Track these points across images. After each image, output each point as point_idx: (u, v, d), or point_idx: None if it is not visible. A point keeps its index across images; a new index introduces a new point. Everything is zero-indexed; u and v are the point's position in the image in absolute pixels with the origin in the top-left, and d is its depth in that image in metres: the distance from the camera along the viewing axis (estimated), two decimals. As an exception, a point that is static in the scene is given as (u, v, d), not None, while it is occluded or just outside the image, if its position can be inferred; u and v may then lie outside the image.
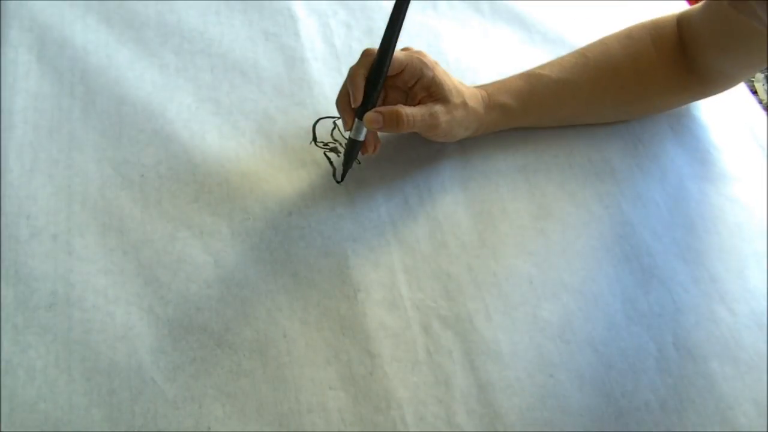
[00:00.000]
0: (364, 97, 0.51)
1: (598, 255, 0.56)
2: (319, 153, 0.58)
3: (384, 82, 0.51)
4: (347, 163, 0.55)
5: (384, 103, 0.53)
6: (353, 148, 0.54)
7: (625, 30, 0.60)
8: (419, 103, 0.53)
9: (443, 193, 0.57)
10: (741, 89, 0.69)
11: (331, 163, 0.58)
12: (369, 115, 0.51)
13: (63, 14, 0.63)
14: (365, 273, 0.52)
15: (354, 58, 0.63)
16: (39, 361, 0.46)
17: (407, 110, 0.51)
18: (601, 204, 0.59)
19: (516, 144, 0.61)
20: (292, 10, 0.67)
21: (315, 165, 0.57)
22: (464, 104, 0.54)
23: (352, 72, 0.51)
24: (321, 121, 0.60)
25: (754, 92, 1.53)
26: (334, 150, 0.58)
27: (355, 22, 0.67)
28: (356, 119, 0.52)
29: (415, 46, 0.55)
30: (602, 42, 0.60)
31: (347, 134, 0.57)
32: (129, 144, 0.57)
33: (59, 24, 0.62)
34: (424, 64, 0.52)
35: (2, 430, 0.44)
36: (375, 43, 0.56)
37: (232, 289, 0.51)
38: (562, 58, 0.60)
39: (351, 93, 0.51)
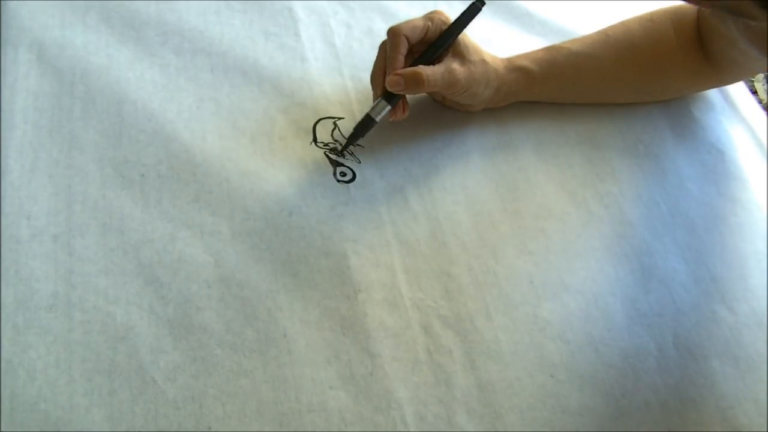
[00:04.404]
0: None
1: (598, 255, 0.56)
2: (319, 153, 0.58)
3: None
4: (353, 138, 0.56)
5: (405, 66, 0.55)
6: (365, 127, 0.55)
7: (646, 14, 0.61)
8: (438, 61, 0.55)
9: (443, 193, 0.57)
10: (741, 89, 0.69)
11: (331, 162, 0.58)
12: (390, 78, 0.53)
13: (63, 14, 0.63)
14: (365, 273, 0.52)
15: (354, 58, 0.64)
16: (39, 362, 0.46)
17: (427, 70, 0.53)
18: (601, 204, 0.59)
19: (516, 144, 0.61)
20: (292, 10, 0.67)
21: (315, 165, 0.57)
22: (483, 61, 0.56)
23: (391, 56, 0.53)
24: (321, 121, 0.60)
25: (754, 92, 1.53)
26: (334, 150, 0.58)
27: (355, 22, 0.67)
28: (380, 99, 0.54)
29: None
30: (624, 24, 0.61)
31: (347, 134, 0.57)
32: (129, 144, 0.57)
33: (59, 24, 0.62)
34: (443, 22, 0.54)
35: (2, 430, 0.44)
36: (375, 43, 0.56)
37: (232, 289, 0.51)
38: (583, 36, 0.61)
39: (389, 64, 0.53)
